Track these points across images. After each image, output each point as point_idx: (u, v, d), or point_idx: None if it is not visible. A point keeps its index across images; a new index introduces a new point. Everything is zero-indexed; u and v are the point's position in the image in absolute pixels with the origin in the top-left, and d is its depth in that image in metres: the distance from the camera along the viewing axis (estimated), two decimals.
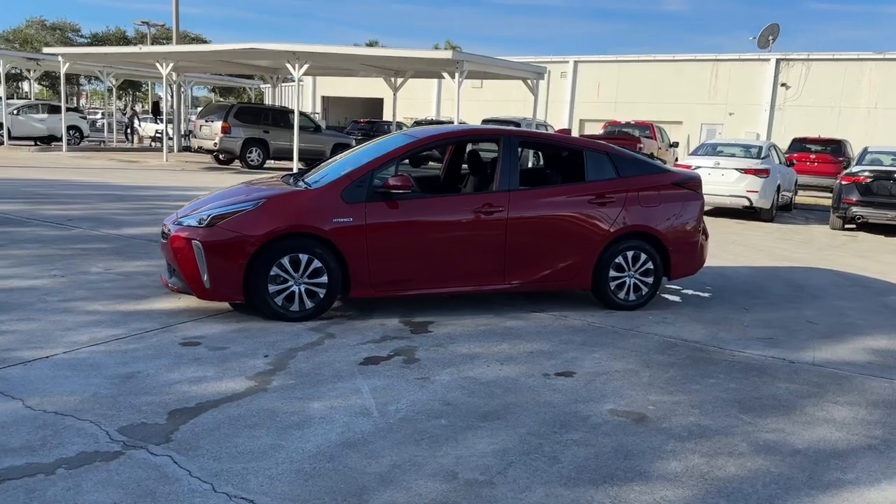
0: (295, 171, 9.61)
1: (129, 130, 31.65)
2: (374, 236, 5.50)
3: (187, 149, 25.41)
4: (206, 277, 5.27)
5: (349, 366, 4.55)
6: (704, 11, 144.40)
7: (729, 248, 10.40)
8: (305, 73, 18.54)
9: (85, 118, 30.42)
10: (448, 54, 15.43)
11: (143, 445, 3.33)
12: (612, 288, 6.23)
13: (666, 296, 7.03)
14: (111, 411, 3.68)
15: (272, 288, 5.35)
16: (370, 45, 64.11)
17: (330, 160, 6.83)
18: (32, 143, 27.27)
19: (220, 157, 20.65)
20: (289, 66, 18.26)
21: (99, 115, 49.01)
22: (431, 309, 5.96)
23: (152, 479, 3.03)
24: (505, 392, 4.25)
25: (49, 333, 4.85)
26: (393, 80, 21.87)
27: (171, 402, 3.84)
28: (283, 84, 49.71)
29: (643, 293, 6.32)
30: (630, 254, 6.21)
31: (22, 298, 5.65)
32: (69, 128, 27.10)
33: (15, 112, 26.60)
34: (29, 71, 29.23)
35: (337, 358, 4.67)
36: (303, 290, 5.42)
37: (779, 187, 13.96)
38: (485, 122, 24.08)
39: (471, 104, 34.23)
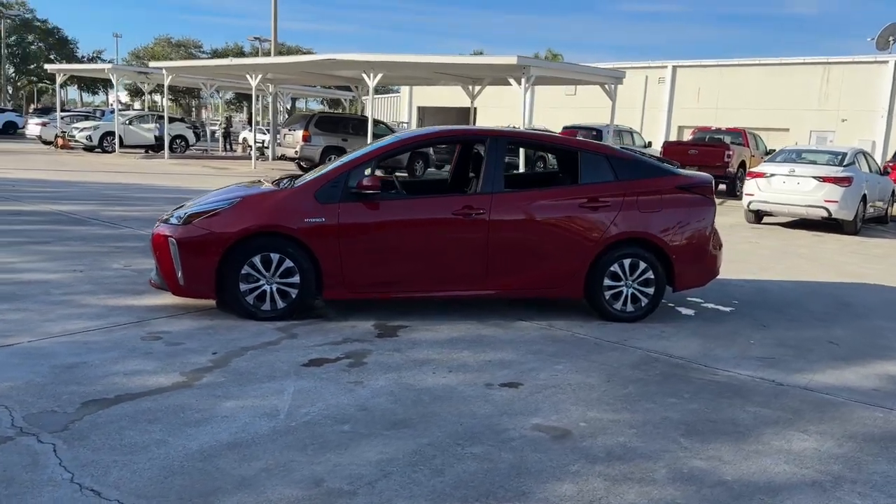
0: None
1: (226, 140, 33.36)
2: (348, 237, 5.44)
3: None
4: (180, 274, 5.38)
5: (290, 366, 4.49)
6: (832, 13, 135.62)
7: (787, 260, 9.59)
8: (381, 83, 18.84)
9: (191, 128, 32.31)
10: (512, 60, 15.19)
11: (37, 433, 3.40)
12: (608, 298, 5.86)
13: (680, 308, 6.53)
14: (32, 398, 3.80)
15: (243, 287, 5.39)
16: (476, 54, 64.48)
17: (331, 164, 6.84)
18: (143, 150, 29.29)
19: (302, 164, 21.33)
20: (364, 76, 18.61)
21: (217, 126, 52.22)
22: (414, 313, 5.82)
23: (21, 466, 3.08)
24: (433, 401, 4.05)
25: (29, 323, 5.10)
26: (471, 88, 21.83)
27: (94, 392, 3.92)
28: (382, 95, 50.76)
29: (642, 304, 5.90)
30: (627, 262, 5.81)
31: (30, 290, 5.99)
32: (176, 137, 28.94)
33: (127, 122, 28.67)
34: (143, 84, 31.46)
35: (283, 358, 4.63)
36: (274, 289, 5.43)
37: (865, 197, 12.73)
38: (565, 129, 23.61)
39: (564, 111, 33.69)
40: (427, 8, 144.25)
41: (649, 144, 24.36)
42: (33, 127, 32.22)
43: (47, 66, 34.40)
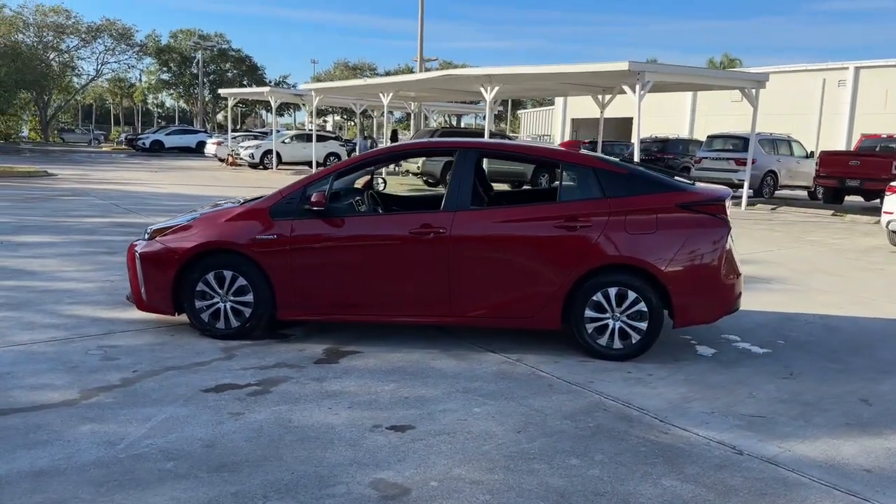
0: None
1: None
2: (300, 255, 5.19)
3: None
4: (143, 289, 5.44)
5: (190, 391, 4.31)
6: None
7: None
8: (497, 95, 18.51)
9: (344, 145, 33.92)
10: (623, 65, 14.16)
11: None
12: (590, 331, 5.08)
13: (701, 347, 5.54)
14: None
15: (199, 303, 5.32)
16: (650, 62, 61.95)
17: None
18: (302, 167, 31.20)
19: (425, 179, 21.52)
20: (482, 89, 18.39)
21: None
22: (377, 339, 5.43)
23: None
24: (294, 442, 3.66)
25: (4, 330, 5.39)
26: (601, 97, 20.84)
27: None
28: (538, 109, 50.22)
29: (633, 341, 5.05)
30: (613, 291, 5.01)
31: (46, 298, 6.38)
32: (329, 154, 30.59)
33: (286, 141, 30.76)
34: (303, 105, 33.60)
35: (192, 381, 4.47)
36: (228, 307, 5.31)
37: None
38: (710, 138, 21.75)
39: (731, 118, 31.11)
40: (597, 18, 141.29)
41: (811, 154, 21.75)
42: (210, 146, 35.62)
43: (221, 91, 37.87)
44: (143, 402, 4.11)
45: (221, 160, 33.19)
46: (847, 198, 19.62)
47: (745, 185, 18.06)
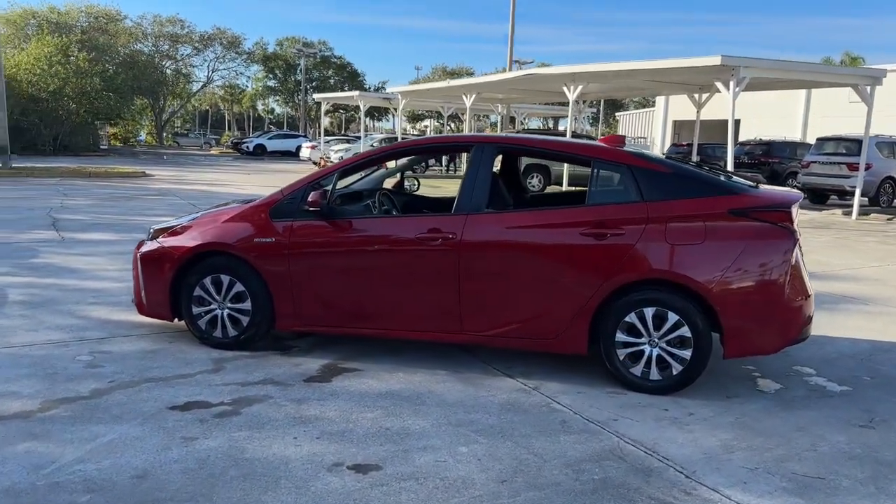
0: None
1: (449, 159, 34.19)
2: (298, 259, 4.72)
3: None
4: (143, 293, 5.14)
5: (155, 407, 3.91)
6: None
7: None
8: (582, 95, 17.60)
9: None
10: (716, 60, 12.96)
11: None
12: (622, 358, 4.32)
13: (765, 380, 4.65)
14: None
15: (196, 309, 4.96)
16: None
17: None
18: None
19: None
20: (564, 88, 17.55)
21: None
22: (381, 355, 4.88)
23: None
24: (233, 479, 3.17)
25: (8, 330, 5.23)
26: (697, 96, 19.47)
27: None
28: (638, 111, 48.35)
29: (673, 372, 4.25)
30: (650, 311, 4.23)
31: (68, 297, 6.25)
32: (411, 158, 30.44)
33: (374, 145, 30.90)
34: (393, 109, 33.70)
35: (165, 396, 4.07)
36: (226, 315, 4.92)
37: None
38: (819, 140, 19.87)
39: (849, 120, 28.49)
40: (703, 17, 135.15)
41: None
42: (305, 150, 36.40)
43: (314, 96, 38.61)
44: (98, 419, 3.74)
45: (315, 163, 33.80)
46: None
47: (857, 192, 16.29)
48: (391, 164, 7.02)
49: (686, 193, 4.29)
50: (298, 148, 44.09)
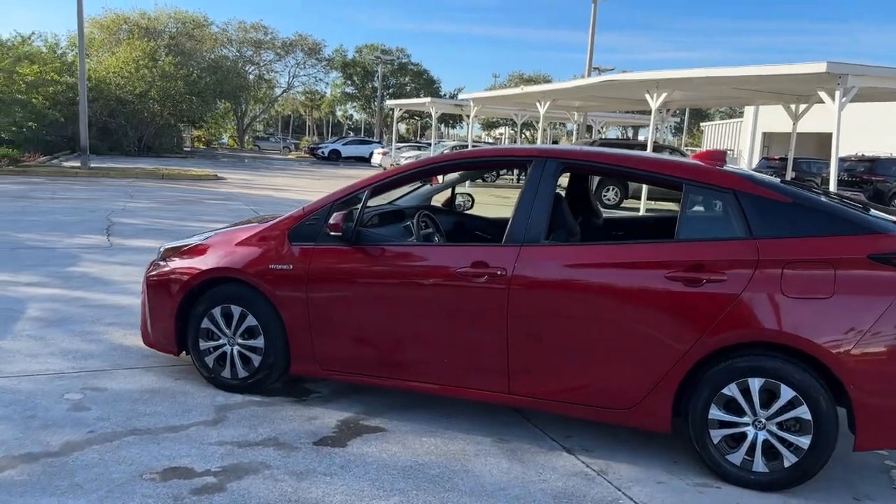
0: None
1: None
2: (318, 292, 3.95)
3: None
4: (149, 321, 4.48)
5: (126, 475, 3.20)
6: None
7: None
8: (666, 103, 16.35)
9: None
10: (820, 66, 11.57)
11: None
12: (717, 442, 3.34)
13: None
14: None
15: (203, 344, 4.26)
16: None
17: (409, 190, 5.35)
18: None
19: None
20: (647, 96, 16.35)
21: None
22: (413, 411, 4.05)
23: None
24: None
25: (9, 355, 4.68)
26: (793, 107, 17.87)
27: None
28: (724, 121, 46.10)
29: (785, 463, 3.24)
30: (756, 384, 3.24)
31: (82, 314, 5.71)
32: None
33: (444, 151, 30.28)
34: (465, 116, 33.00)
35: (144, 458, 3.36)
36: (236, 352, 4.19)
37: None
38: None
39: None
40: (797, 26, 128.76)
41: None
42: (376, 156, 36.15)
43: (387, 102, 38.35)
44: (54, 489, 3.05)
45: (385, 169, 33.50)
46: None
47: None
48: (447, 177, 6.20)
49: (810, 230, 3.28)
50: (371, 154, 44.09)
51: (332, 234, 3.83)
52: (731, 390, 3.27)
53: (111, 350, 4.91)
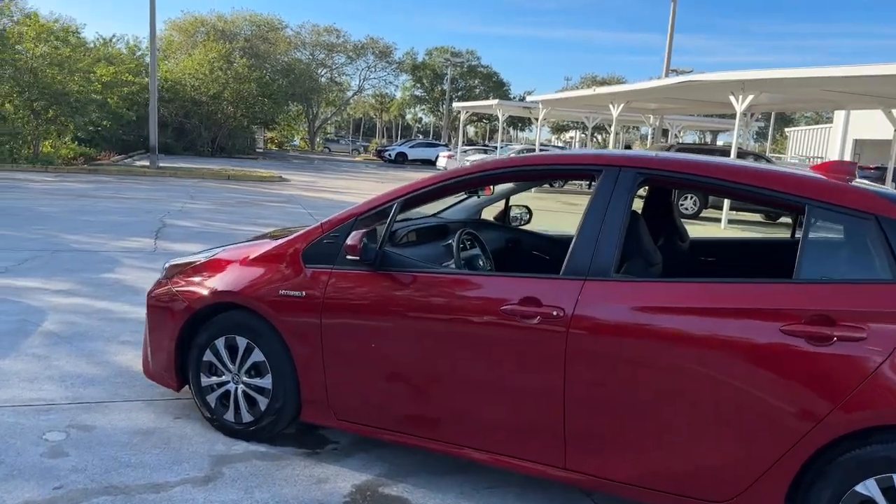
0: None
1: None
2: (334, 325, 3.26)
3: None
4: (149, 349, 3.89)
5: None
6: None
7: None
8: (752, 107, 15.07)
9: None
10: None
11: None
12: None
13: None
14: None
15: (205, 380, 3.64)
16: None
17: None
18: None
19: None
20: (732, 98, 15.14)
21: None
22: (447, 475, 3.30)
23: None
24: None
25: (3, 378, 4.18)
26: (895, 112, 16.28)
27: None
28: (810, 127, 43.62)
29: None
30: None
31: (97, 330, 5.23)
32: None
33: (511, 154, 29.44)
34: (534, 119, 32.08)
35: None
36: (240, 391, 3.55)
37: None
38: None
39: None
40: (891, 30, 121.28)
41: None
42: (441, 159, 35.62)
43: (454, 105, 37.74)
44: None
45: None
46: None
47: None
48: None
49: None
50: (437, 157, 43.61)
51: (349, 257, 3.13)
52: (869, 489, 2.40)
53: (116, 376, 4.37)
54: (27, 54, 21.87)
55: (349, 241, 3.08)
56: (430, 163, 43.93)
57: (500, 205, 4.72)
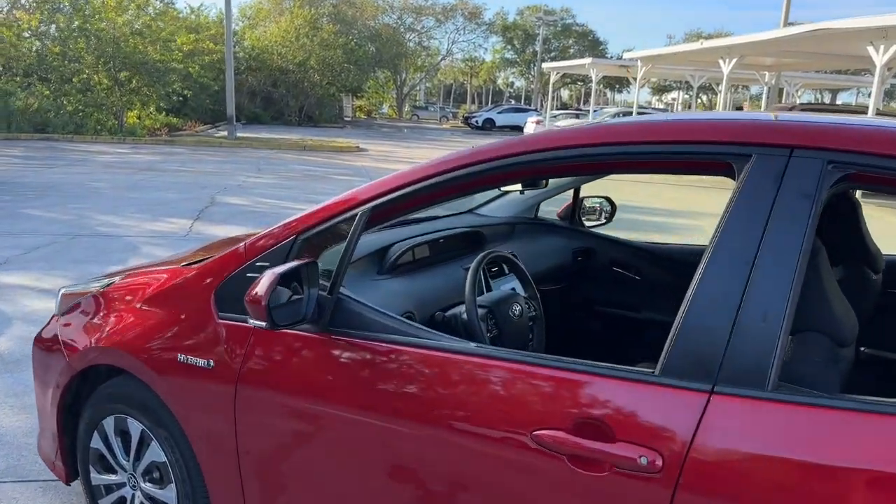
0: None
1: None
2: (256, 416, 1.89)
3: None
4: (39, 416, 2.67)
5: None
6: None
7: None
8: (892, 59, 12.55)
9: None
10: None
11: None
12: None
13: None
14: None
15: (95, 477, 2.39)
16: None
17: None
18: None
19: None
20: (870, 49, 12.68)
21: None
22: None
23: None
24: None
25: None
26: None
27: None
28: None
29: None
30: None
31: None
32: None
33: (606, 118, 27.26)
34: (632, 79, 29.60)
35: None
36: (138, 498, 2.27)
37: None
38: None
39: None
40: None
41: None
42: (530, 125, 33.75)
43: (544, 66, 35.53)
44: None
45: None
46: None
47: None
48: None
49: None
50: (526, 123, 41.60)
51: (252, 321, 1.73)
52: None
53: (31, 434, 3.21)
54: (109, 25, 21.62)
55: (254, 290, 1.68)
56: (520, 129, 42.00)
57: (567, 196, 3.20)
